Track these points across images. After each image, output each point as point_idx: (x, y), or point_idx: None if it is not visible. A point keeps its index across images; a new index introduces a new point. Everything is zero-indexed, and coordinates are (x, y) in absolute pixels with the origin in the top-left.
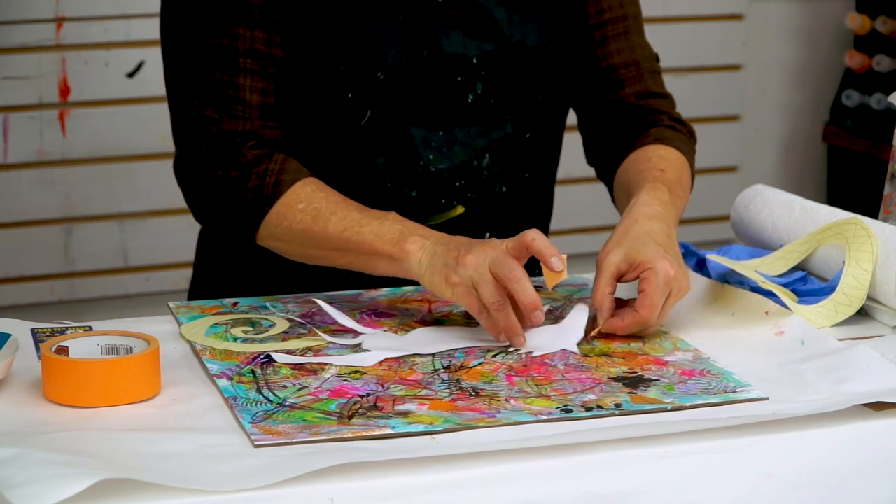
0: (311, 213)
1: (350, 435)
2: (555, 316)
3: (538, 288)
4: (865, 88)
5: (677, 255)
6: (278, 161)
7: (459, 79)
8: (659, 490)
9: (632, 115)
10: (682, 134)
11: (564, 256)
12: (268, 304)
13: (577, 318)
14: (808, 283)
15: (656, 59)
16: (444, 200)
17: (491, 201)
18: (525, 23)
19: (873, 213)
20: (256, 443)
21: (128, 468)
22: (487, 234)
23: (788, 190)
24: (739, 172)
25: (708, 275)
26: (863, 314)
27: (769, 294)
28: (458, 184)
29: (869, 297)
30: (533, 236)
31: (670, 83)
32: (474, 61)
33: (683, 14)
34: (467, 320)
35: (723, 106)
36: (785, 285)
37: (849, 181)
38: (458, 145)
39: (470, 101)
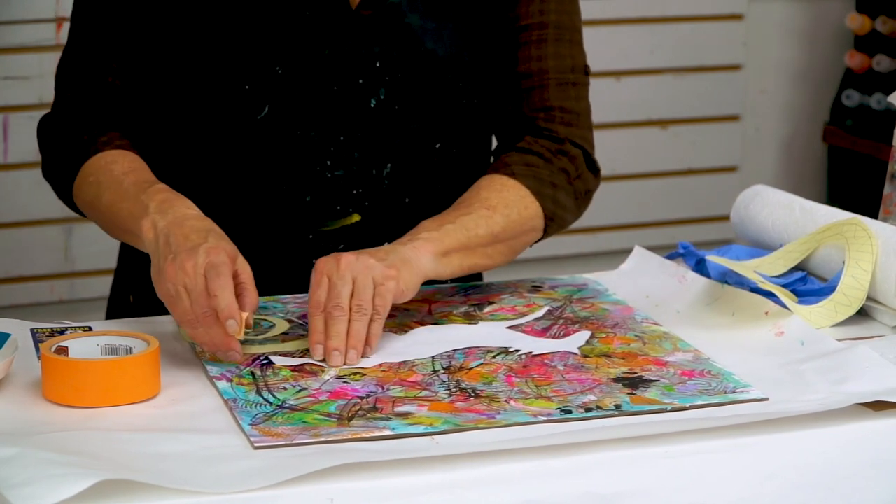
0: (95, 185)
1: (350, 437)
2: (555, 316)
3: (537, 287)
4: (865, 88)
5: (389, 257)
6: (94, 136)
7: (361, 81)
8: (659, 490)
9: (522, 130)
10: (540, 158)
11: (245, 315)
12: (268, 304)
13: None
14: (807, 284)
15: (578, 70)
16: (339, 207)
17: (392, 212)
18: (439, 31)
19: (873, 213)
20: (256, 444)
21: (127, 469)
22: (386, 245)
23: (788, 190)
24: (739, 172)
25: (708, 275)
26: (863, 314)
27: (769, 294)
28: (355, 192)
29: (869, 298)
30: (243, 279)
31: (670, 83)
32: (377, 65)
33: (683, 14)
34: (467, 321)
35: (723, 106)
36: (785, 285)
37: (849, 181)
38: (359, 152)
39: (372, 105)
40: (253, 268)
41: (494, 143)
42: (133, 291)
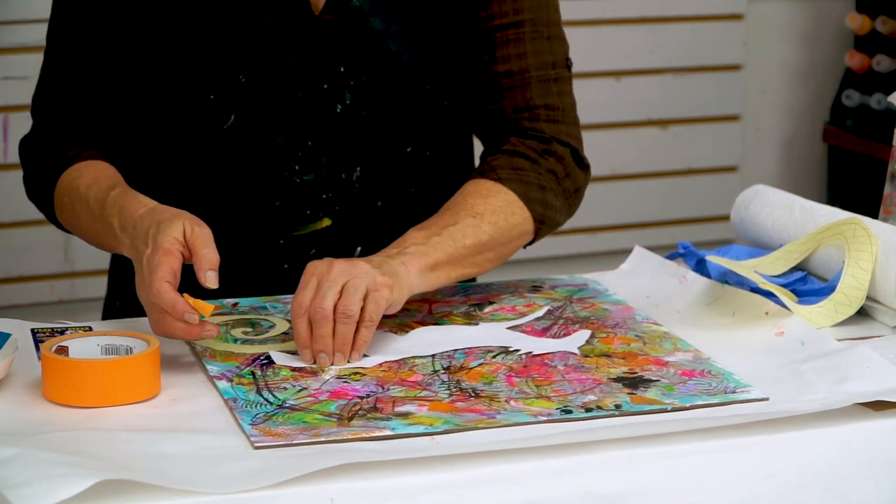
0: (69, 208)
1: (350, 437)
2: (555, 316)
3: (537, 287)
4: (865, 88)
5: (383, 267)
6: (64, 152)
7: (326, 86)
8: (659, 490)
9: (504, 131)
10: (527, 160)
11: (207, 278)
12: (268, 304)
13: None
14: (807, 284)
15: (559, 64)
16: (309, 212)
17: (363, 215)
18: (403, 33)
19: (873, 213)
20: (256, 444)
21: (127, 469)
22: (359, 249)
23: (788, 190)
24: (739, 172)
25: (708, 275)
26: (863, 314)
27: (769, 294)
28: (324, 196)
29: (869, 297)
30: (192, 245)
31: (670, 83)
32: (342, 69)
33: (683, 14)
34: (467, 321)
35: (723, 106)
36: (784, 285)
37: (849, 181)
38: (327, 156)
39: (339, 110)
40: (224, 273)
41: (478, 145)
42: (119, 297)
